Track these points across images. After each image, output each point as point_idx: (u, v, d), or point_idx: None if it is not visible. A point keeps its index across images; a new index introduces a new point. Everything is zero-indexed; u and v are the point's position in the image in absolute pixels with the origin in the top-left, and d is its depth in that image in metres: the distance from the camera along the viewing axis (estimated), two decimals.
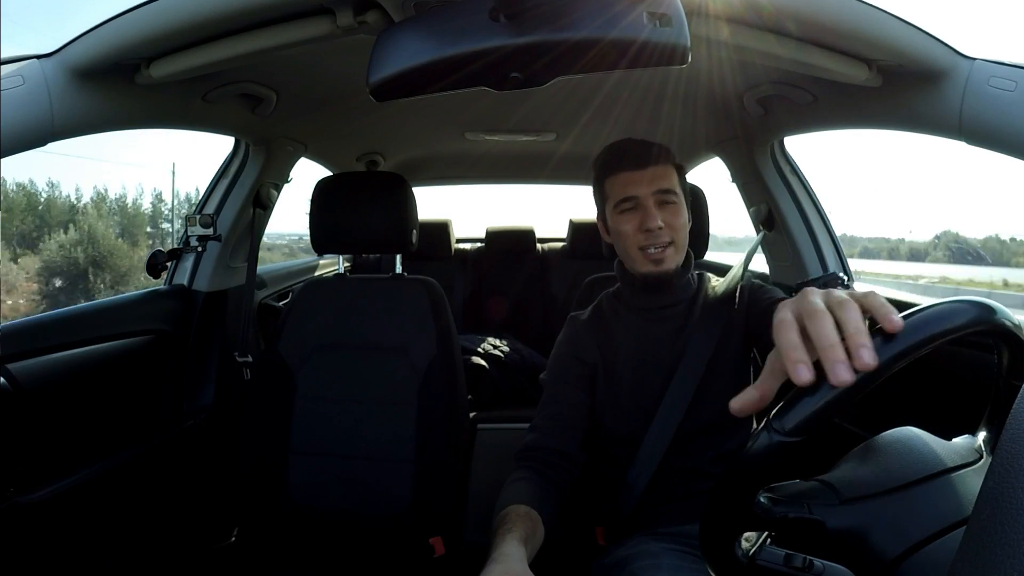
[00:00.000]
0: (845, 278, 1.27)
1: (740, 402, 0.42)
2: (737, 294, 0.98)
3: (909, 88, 0.83)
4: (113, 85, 0.83)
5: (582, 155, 2.06)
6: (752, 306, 0.96)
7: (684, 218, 0.96)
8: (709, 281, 1.04)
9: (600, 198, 1.01)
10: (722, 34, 0.75)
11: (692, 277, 1.03)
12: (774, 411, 0.40)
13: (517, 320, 2.45)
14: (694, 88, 1.24)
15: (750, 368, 1.01)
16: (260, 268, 1.56)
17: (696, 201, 1.12)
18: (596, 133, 1.77)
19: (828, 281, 1.22)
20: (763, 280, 1.55)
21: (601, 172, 0.99)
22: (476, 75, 0.59)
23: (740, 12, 0.72)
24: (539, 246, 2.68)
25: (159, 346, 1.24)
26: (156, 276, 1.28)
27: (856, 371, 0.37)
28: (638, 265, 0.95)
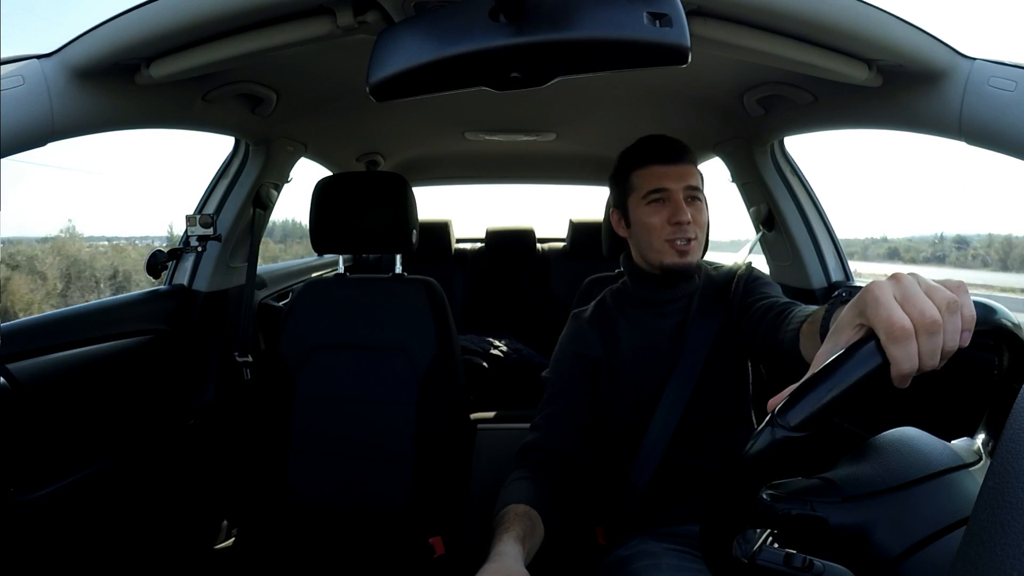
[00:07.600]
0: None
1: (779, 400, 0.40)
2: (734, 284, 0.99)
3: (909, 88, 0.83)
4: (113, 85, 0.82)
5: (582, 155, 2.06)
6: (744, 296, 0.96)
7: (707, 217, 0.99)
8: (708, 275, 1.05)
9: (623, 190, 1.01)
10: (722, 34, 0.75)
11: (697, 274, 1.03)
12: (779, 406, 0.39)
13: (517, 320, 2.44)
14: (694, 88, 1.23)
15: (747, 363, 1.01)
16: (260, 268, 1.56)
17: None
18: (596, 133, 1.77)
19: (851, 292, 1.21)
20: None
21: (629, 164, 0.99)
22: (476, 75, 0.59)
23: (740, 12, 0.72)
24: (539, 246, 2.68)
25: (159, 346, 1.24)
26: (156, 276, 1.28)
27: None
28: (663, 256, 0.95)
